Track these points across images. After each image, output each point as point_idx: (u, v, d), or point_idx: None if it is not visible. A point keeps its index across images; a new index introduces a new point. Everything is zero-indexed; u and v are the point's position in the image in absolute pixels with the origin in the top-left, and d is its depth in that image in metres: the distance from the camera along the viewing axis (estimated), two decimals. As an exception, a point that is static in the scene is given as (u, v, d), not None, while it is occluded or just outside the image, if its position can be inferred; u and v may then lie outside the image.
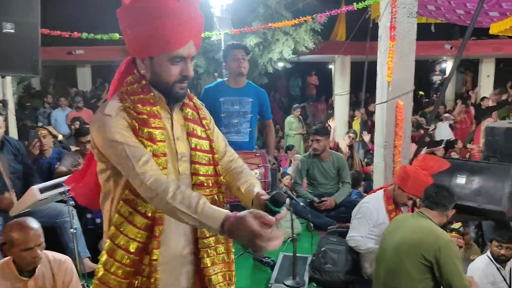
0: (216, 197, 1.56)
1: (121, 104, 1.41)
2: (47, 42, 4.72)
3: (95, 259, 3.36)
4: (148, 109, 1.42)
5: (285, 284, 3.05)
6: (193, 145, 1.51)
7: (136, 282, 1.46)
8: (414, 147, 4.92)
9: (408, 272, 2.46)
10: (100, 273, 1.48)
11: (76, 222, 3.02)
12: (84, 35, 4.82)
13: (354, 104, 10.98)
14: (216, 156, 1.58)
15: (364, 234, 3.18)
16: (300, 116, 9.44)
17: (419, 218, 2.61)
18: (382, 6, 4.21)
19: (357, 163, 6.70)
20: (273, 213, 1.27)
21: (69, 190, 2.56)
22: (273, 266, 3.37)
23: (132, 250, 1.43)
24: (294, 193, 4.88)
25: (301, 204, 3.39)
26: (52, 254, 2.46)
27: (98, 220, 3.54)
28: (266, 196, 1.39)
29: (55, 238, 3.19)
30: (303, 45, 7.10)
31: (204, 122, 1.59)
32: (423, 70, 13.99)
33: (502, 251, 3.30)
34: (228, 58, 3.45)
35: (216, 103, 3.44)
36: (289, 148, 8.09)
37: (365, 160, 7.31)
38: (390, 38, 4.03)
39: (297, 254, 3.21)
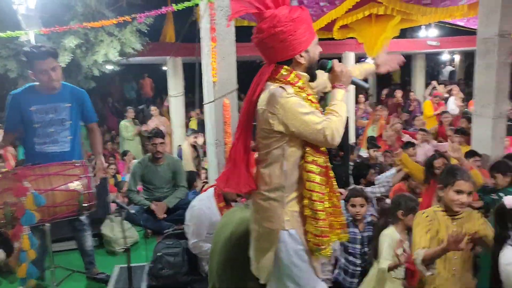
0: None
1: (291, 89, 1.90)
2: None
3: None
4: (308, 90, 1.98)
5: (120, 298, 2.91)
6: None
7: None
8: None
9: (239, 262, 2.58)
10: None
11: None
12: None
13: (190, 105, 11.07)
14: None
15: (204, 236, 3.21)
16: (136, 120, 9.14)
17: (246, 211, 2.75)
18: (202, 8, 4.31)
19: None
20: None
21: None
22: (107, 281, 3.18)
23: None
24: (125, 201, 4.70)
25: (132, 211, 3.27)
26: None
27: None
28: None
29: None
30: (130, 46, 6.84)
31: None
32: (253, 70, 14.96)
33: None
34: (34, 69, 3.04)
35: (27, 113, 3.05)
36: (125, 153, 7.77)
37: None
38: (212, 39, 4.15)
39: (134, 264, 3.10)
